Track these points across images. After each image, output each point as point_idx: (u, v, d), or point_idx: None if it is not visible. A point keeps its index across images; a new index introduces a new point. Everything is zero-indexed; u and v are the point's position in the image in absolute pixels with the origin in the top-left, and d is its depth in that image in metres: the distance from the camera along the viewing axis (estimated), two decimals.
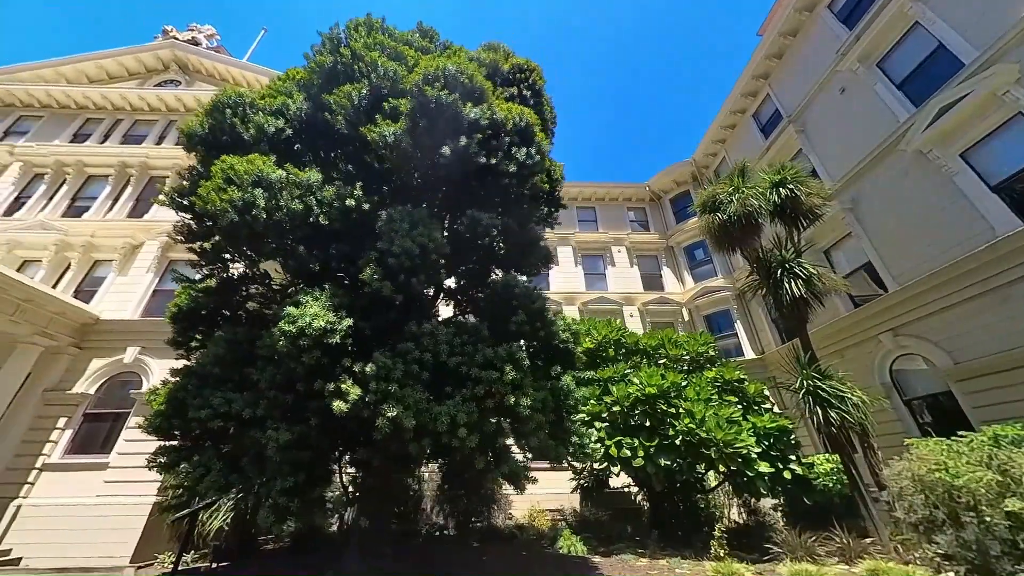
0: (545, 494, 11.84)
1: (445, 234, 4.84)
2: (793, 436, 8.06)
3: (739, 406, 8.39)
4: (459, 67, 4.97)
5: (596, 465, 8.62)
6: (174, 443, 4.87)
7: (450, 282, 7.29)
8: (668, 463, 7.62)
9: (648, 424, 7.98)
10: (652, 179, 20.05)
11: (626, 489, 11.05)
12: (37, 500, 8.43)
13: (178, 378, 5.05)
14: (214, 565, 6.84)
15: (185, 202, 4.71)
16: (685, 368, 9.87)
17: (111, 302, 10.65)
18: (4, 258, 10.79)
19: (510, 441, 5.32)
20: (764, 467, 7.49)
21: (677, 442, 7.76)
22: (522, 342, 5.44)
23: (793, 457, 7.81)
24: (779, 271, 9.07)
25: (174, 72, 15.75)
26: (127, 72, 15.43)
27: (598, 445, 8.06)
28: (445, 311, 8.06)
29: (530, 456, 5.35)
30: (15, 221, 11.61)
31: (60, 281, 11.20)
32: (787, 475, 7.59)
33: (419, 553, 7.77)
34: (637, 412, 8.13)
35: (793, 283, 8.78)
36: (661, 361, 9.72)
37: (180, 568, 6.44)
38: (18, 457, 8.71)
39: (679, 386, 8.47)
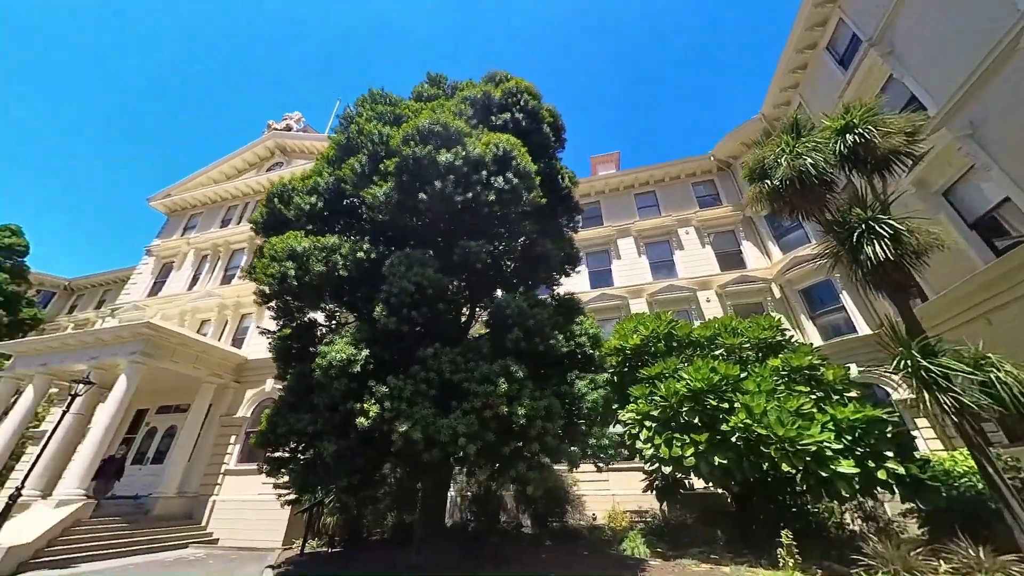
0: (626, 495, 11.74)
1: (436, 269, 5.51)
2: (890, 428, 6.80)
3: (812, 396, 7.34)
4: (433, 120, 5.67)
5: (647, 465, 8.40)
6: (275, 454, 6.49)
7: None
8: (724, 462, 7.12)
9: (698, 421, 7.55)
10: (717, 146, 18.13)
11: (719, 491, 10.39)
12: (224, 497, 11.55)
13: (273, 403, 6.71)
14: (328, 550, 8.62)
15: (253, 275, 6.36)
16: (750, 356, 8.91)
17: (254, 346, 13.95)
18: (188, 321, 14.99)
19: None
20: (846, 466, 6.51)
21: (733, 439, 7.20)
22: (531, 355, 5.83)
23: (890, 453, 6.60)
24: (856, 233, 7.75)
25: (278, 156, 19.81)
26: (248, 164, 19.96)
27: (648, 445, 7.90)
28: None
29: (546, 460, 5.67)
30: (193, 293, 16.03)
31: (223, 333, 15.07)
32: (882, 475, 6.46)
33: (486, 549, 8.55)
34: (685, 409, 7.74)
35: (877, 244, 7.42)
36: (718, 352, 8.92)
37: (306, 551, 8.33)
38: (210, 465, 12.05)
39: (735, 378, 7.81)
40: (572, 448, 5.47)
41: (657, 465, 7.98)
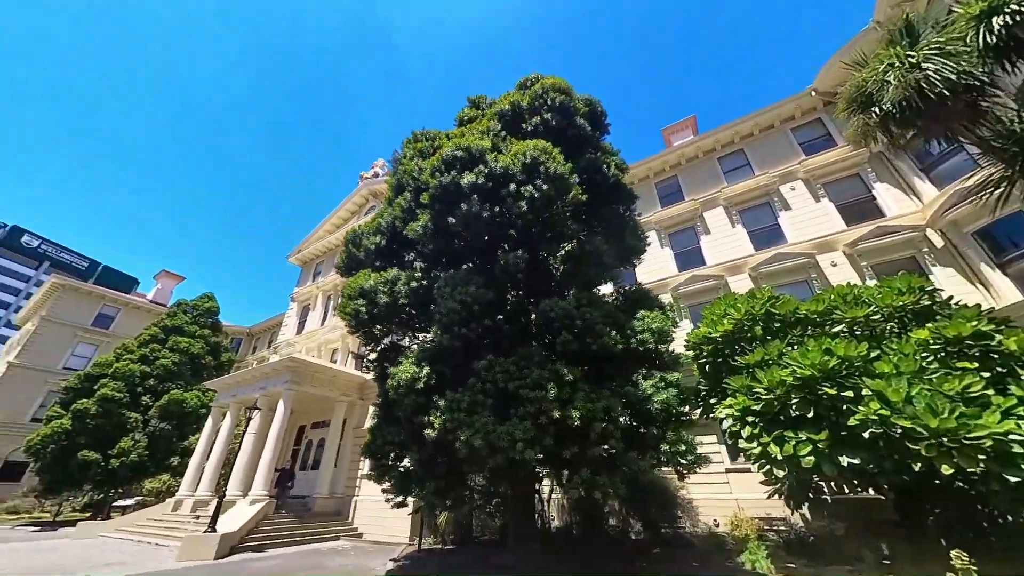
0: (751, 499, 10.40)
1: (479, 286, 5.73)
2: None
3: (983, 375, 5.52)
4: (455, 146, 6.00)
5: (753, 467, 7.29)
6: (380, 462, 7.49)
7: None
8: (855, 462, 5.86)
9: (813, 414, 6.32)
10: (819, 76, 15.02)
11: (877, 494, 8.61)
12: (363, 497, 13.61)
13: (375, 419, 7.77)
14: (442, 547, 9.52)
15: (337, 313, 7.50)
16: (887, 329, 7.08)
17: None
18: (323, 352, 18.16)
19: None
20: None
21: (865, 435, 5.87)
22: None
23: None
24: None
25: (372, 201, 22.78)
26: (350, 213, 23.37)
27: (754, 444, 6.91)
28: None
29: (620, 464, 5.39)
30: (324, 328, 19.37)
31: (347, 358, 17.86)
32: None
33: (590, 553, 8.43)
34: (795, 401, 6.56)
35: None
36: (837, 328, 7.28)
37: (423, 547, 9.36)
38: (350, 470, 14.33)
39: (861, 360, 6.38)
40: (639, 456, 5.10)
41: (768, 467, 6.93)
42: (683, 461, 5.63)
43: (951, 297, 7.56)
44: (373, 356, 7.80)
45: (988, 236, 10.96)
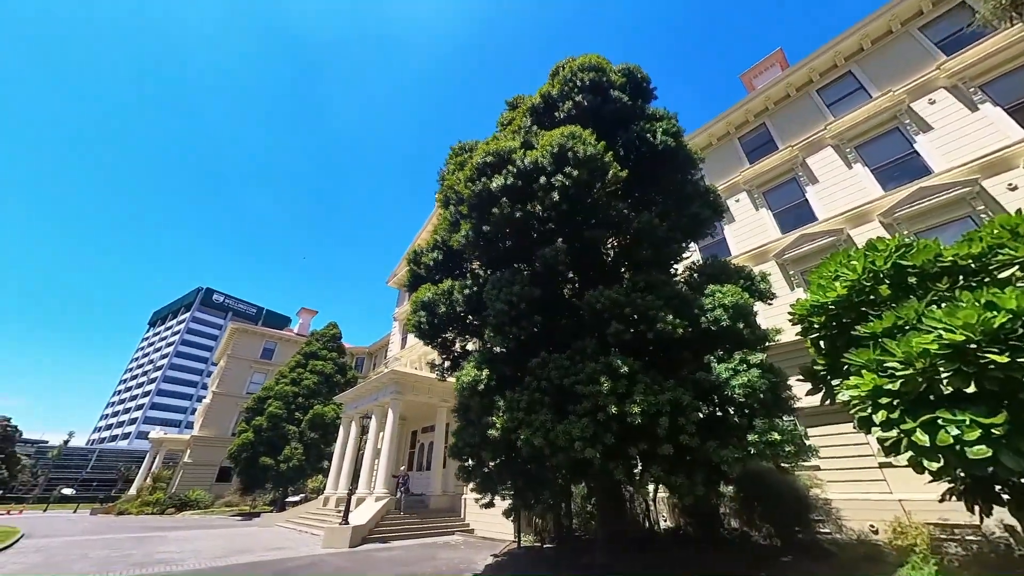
0: (921, 501, 8.40)
1: (524, 284, 5.66)
2: None
3: None
4: (485, 152, 6.08)
5: (892, 458, 5.77)
6: (465, 462, 7.89)
7: None
8: None
9: (977, 391, 4.78)
10: None
11: None
12: (470, 496, 14.45)
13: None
14: (542, 545, 9.59)
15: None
16: None
17: None
18: (422, 363, 19.88)
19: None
20: None
21: None
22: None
23: None
24: None
25: None
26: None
27: (893, 431, 5.54)
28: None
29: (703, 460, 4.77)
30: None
31: None
32: None
33: (698, 557, 7.62)
34: (947, 375, 5.05)
35: None
36: (1006, 274, 5.32)
37: (522, 544, 9.56)
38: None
39: None
40: (719, 448, 4.42)
41: (918, 460, 5.45)
42: (779, 453, 4.73)
43: None
44: (447, 364, 8.31)
45: None
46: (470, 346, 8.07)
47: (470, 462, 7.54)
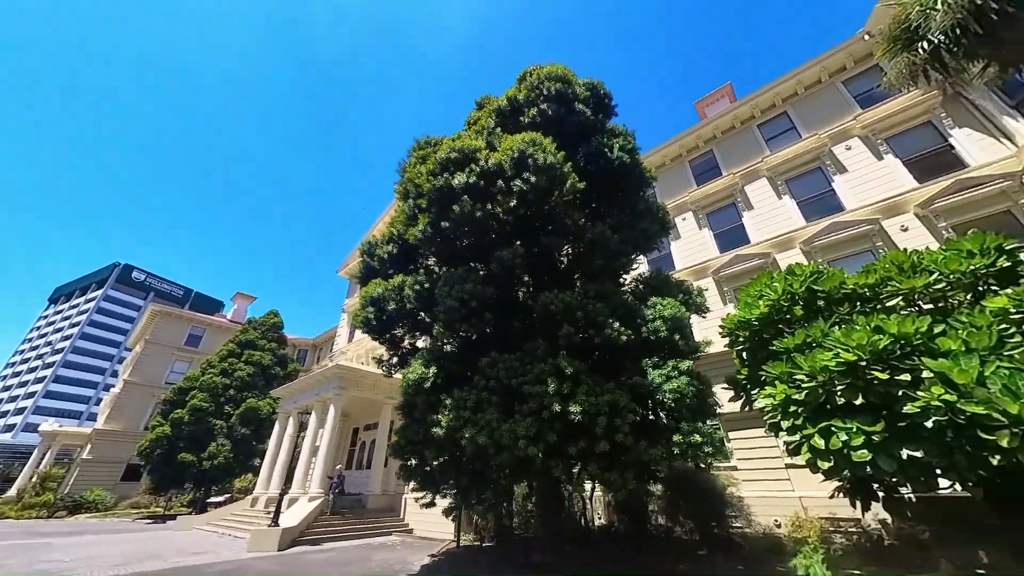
0: (817, 498, 9.45)
1: (477, 283, 5.74)
2: None
3: None
4: (449, 148, 6.06)
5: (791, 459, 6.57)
6: (407, 460, 7.77)
7: None
8: (918, 455, 5.09)
9: (863, 402, 5.56)
10: (871, 19, 13.22)
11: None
12: (411, 495, 14.19)
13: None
14: (480, 544, 9.67)
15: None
16: (956, 300, 5.99)
17: None
18: (371, 357, 19.20)
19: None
20: None
21: (928, 424, 5.07)
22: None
23: None
24: None
25: None
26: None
27: (797, 436, 6.25)
28: None
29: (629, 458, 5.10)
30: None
31: None
32: None
33: (629, 552, 8.09)
34: (841, 388, 5.81)
35: None
36: (893, 302, 6.28)
37: (461, 544, 9.58)
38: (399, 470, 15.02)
39: (922, 336, 5.52)
40: (648, 447, 4.78)
41: (813, 460, 6.22)
42: (699, 454, 5.19)
43: None
44: (395, 360, 8.14)
45: None
46: (420, 343, 7.97)
47: (413, 461, 7.44)
